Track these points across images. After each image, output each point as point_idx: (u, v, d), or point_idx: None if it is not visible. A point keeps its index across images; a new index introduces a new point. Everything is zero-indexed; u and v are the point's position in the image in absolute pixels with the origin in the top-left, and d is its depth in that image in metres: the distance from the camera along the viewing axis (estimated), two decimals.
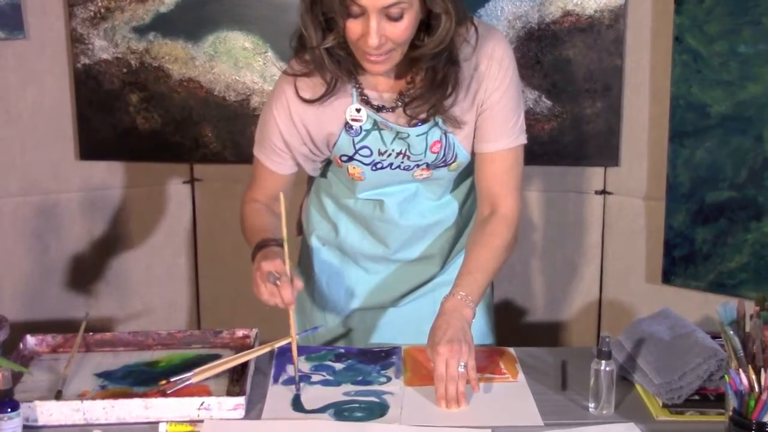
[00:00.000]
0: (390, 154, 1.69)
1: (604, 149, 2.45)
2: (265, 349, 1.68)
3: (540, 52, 2.40)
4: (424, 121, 1.65)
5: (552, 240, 2.58)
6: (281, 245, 1.62)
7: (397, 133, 1.66)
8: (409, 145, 1.67)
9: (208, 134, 2.51)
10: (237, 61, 2.46)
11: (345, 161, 1.72)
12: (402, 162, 1.70)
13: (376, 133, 1.67)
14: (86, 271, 2.57)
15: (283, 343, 1.69)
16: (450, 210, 1.83)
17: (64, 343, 1.76)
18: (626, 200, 2.48)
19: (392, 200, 1.77)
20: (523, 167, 1.74)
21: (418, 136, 1.66)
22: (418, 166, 1.71)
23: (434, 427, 1.48)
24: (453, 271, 1.74)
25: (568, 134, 2.45)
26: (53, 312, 2.53)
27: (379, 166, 1.71)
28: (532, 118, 2.43)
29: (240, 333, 1.80)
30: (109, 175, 2.56)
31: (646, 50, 2.38)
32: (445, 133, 1.67)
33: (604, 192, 2.52)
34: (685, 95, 2.26)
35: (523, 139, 1.72)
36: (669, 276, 2.38)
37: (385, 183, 1.75)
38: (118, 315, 2.60)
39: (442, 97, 1.61)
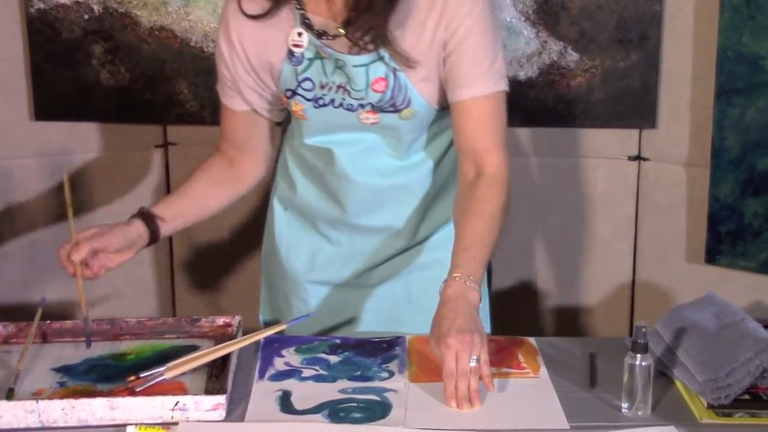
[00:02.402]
0: (331, 88, 1.73)
1: (639, 109, 2.45)
2: (250, 340, 1.68)
3: None
4: (368, 52, 1.68)
5: (578, 213, 2.58)
6: (143, 213, 1.77)
7: (336, 61, 1.70)
8: (348, 78, 1.70)
9: (183, 91, 2.50)
10: (216, 7, 2.44)
11: (289, 97, 1.76)
12: (344, 99, 1.73)
13: (318, 62, 1.71)
14: (43, 248, 2.56)
15: (271, 332, 1.70)
16: (416, 174, 1.85)
17: (17, 332, 1.76)
18: (664, 167, 2.48)
19: (343, 151, 1.80)
20: (506, 119, 1.75)
21: (355, 66, 1.69)
22: (362, 106, 1.73)
23: (443, 430, 1.47)
24: (431, 252, 1.85)
25: (598, 91, 2.44)
26: (4, 296, 2.53)
27: (321, 102, 1.74)
28: (556, 73, 2.42)
29: (221, 321, 1.80)
30: (69, 139, 2.55)
31: None
32: (395, 72, 1.69)
33: (638, 158, 2.52)
34: (734, 46, 2.25)
35: (502, 86, 1.73)
36: (714, 255, 2.38)
37: (330, 125, 1.78)
38: (79, 299, 2.59)
39: (385, 18, 1.63)
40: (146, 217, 1.77)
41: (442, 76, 1.72)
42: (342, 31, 1.66)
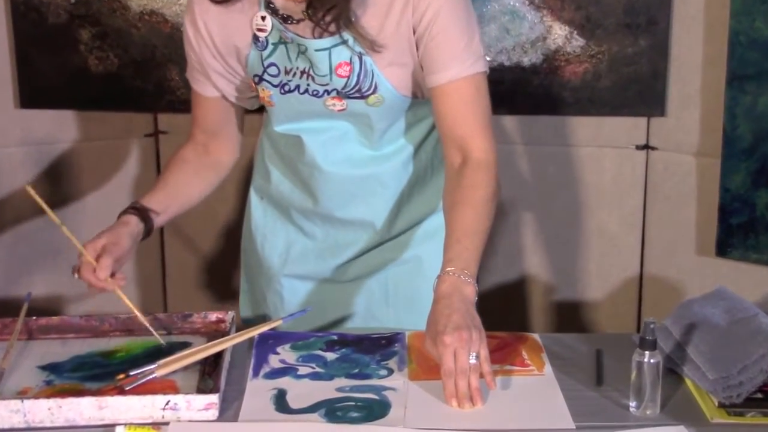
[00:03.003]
0: (295, 74, 1.74)
1: (647, 96, 2.45)
2: (244, 337, 1.68)
3: None
4: (330, 35, 1.68)
5: (583, 204, 2.58)
6: (137, 208, 1.75)
7: (299, 46, 1.70)
8: (311, 64, 1.71)
9: (174, 78, 2.50)
10: None
11: (257, 82, 1.78)
12: (309, 85, 1.74)
13: (282, 47, 1.73)
14: (29, 240, 2.56)
15: (266, 328, 1.70)
16: (390, 165, 1.85)
17: (1, 329, 1.76)
18: (674, 157, 2.48)
19: (312, 139, 1.81)
20: (489, 102, 1.74)
21: (317, 51, 1.69)
22: (327, 92, 1.74)
23: (444, 430, 1.47)
24: (408, 248, 1.87)
25: (605, 78, 2.44)
26: None
27: (286, 88, 1.76)
28: (561, 59, 2.42)
29: (213, 316, 1.80)
30: (55, 127, 2.55)
31: None
32: (360, 57, 1.70)
33: (647, 147, 2.51)
34: (747, 30, 2.24)
35: (480, 67, 1.72)
36: (725, 248, 2.38)
37: (298, 112, 1.79)
38: (67, 293, 2.59)
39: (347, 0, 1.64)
40: (140, 211, 1.76)
41: (418, 62, 1.71)
42: (306, 13, 1.66)
